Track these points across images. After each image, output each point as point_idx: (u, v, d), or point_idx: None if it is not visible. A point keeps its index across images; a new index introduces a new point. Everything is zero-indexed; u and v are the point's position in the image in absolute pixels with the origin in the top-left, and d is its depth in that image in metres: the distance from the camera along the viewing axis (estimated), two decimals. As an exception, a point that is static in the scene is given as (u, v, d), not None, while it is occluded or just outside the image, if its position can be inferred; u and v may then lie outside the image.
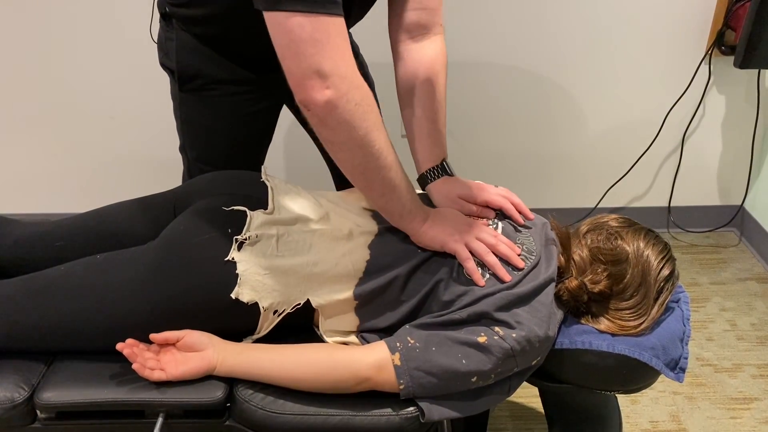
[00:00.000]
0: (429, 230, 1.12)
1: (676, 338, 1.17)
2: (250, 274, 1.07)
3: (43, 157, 2.22)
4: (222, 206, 1.13)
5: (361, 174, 1.03)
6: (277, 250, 1.09)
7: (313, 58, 0.89)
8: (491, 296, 1.06)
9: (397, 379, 1.03)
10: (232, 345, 1.09)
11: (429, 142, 1.24)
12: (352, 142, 0.97)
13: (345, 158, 1.01)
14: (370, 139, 0.98)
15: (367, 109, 0.96)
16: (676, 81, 2.13)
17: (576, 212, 2.32)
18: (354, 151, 0.98)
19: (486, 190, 1.22)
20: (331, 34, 0.90)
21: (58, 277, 1.11)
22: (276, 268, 1.09)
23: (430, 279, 1.11)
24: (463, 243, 1.11)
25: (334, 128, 0.95)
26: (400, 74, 1.26)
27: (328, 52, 0.90)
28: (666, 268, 1.15)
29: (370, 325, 1.14)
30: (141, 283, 1.07)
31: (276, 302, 1.09)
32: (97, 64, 2.06)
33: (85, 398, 1.06)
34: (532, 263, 1.11)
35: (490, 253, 1.10)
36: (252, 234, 1.08)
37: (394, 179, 1.05)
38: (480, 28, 2.05)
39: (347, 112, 0.93)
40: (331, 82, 0.90)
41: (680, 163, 2.29)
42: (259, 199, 1.17)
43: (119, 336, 1.06)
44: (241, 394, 1.07)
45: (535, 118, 2.21)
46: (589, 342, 1.13)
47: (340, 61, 0.91)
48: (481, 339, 1.04)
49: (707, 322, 2.01)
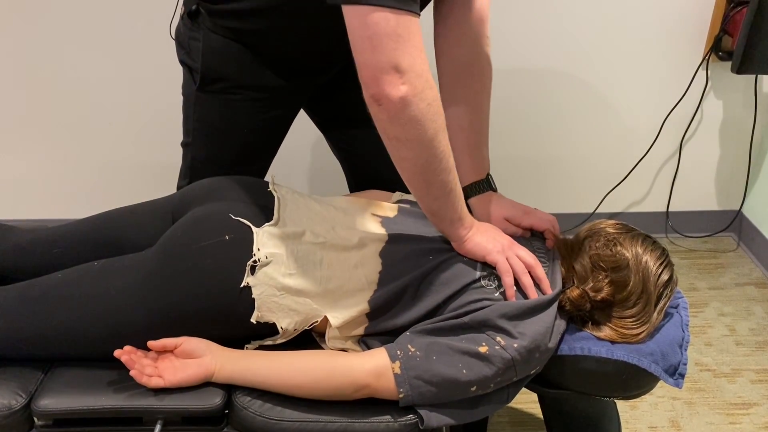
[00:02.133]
0: (473, 238, 1.12)
1: (675, 344, 1.16)
2: (266, 297, 1.08)
3: (41, 162, 2.21)
4: (221, 213, 1.13)
5: (421, 174, 1.02)
6: (289, 268, 1.09)
7: (393, 52, 0.90)
8: (499, 304, 1.06)
9: (396, 388, 1.03)
10: (230, 352, 1.08)
11: (476, 152, 1.22)
12: (420, 140, 0.97)
13: (409, 157, 1.00)
14: (437, 141, 0.98)
15: (437, 110, 0.97)
16: (673, 86, 2.14)
17: (574, 217, 2.32)
18: (420, 151, 0.98)
19: (533, 214, 1.23)
20: (412, 32, 0.91)
21: (54, 284, 1.11)
22: (290, 289, 1.09)
23: (442, 285, 1.10)
24: (504, 256, 1.11)
25: (404, 125, 0.95)
26: (442, 67, 1.24)
27: (409, 48, 0.91)
28: (665, 273, 1.15)
29: (379, 328, 1.13)
30: (138, 290, 1.07)
31: (294, 321, 1.10)
32: (96, 70, 2.06)
33: (82, 405, 1.06)
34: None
35: (526, 273, 1.10)
36: (262, 256, 1.08)
37: (451, 183, 1.05)
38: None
39: (420, 110, 0.94)
40: (407, 78, 0.91)
41: (678, 168, 2.29)
42: (262, 206, 1.16)
43: (117, 343, 1.06)
44: (239, 401, 1.07)
45: (532, 123, 2.21)
46: (588, 348, 1.13)
47: (417, 58, 0.92)
48: (482, 349, 1.03)
49: (706, 327, 2.01)
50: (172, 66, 1.57)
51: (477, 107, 1.22)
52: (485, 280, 1.10)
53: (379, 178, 1.46)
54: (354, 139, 1.50)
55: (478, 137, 1.24)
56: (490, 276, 1.10)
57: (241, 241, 1.09)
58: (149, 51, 2.01)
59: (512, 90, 2.14)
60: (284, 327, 1.10)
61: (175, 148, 1.55)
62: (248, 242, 1.09)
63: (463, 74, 1.22)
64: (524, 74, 2.12)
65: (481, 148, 1.24)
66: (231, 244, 1.08)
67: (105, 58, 2.04)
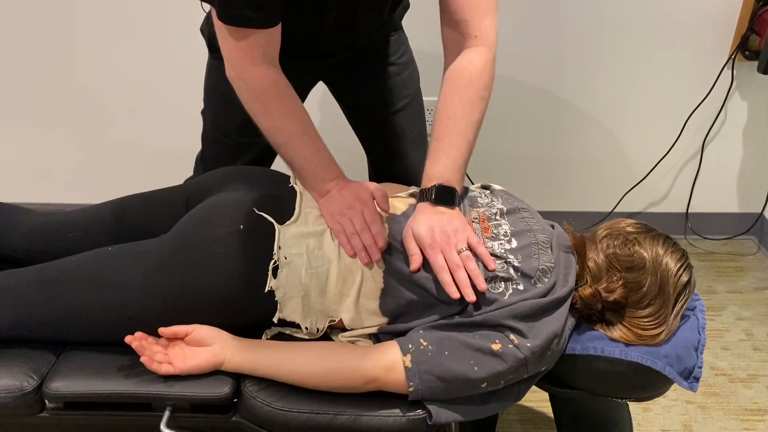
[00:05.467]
0: (323, 205, 1.16)
1: (691, 347, 1.14)
2: (288, 299, 1.08)
3: (63, 147, 2.22)
4: (236, 202, 1.12)
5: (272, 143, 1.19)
6: (310, 268, 1.09)
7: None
8: (514, 305, 1.04)
9: (407, 381, 1.02)
10: (240, 341, 1.08)
11: (431, 159, 1.16)
12: (254, 115, 1.18)
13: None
14: (266, 118, 1.17)
15: (256, 96, 1.16)
16: (697, 85, 2.10)
17: (591, 216, 2.30)
18: (260, 124, 1.18)
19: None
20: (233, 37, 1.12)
21: (69, 268, 1.11)
22: (312, 288, 1.09)
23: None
24: (336, 220, 1.13)
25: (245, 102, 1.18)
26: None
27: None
28: (684, 275, 1.13)
29: (392, 329, 1.11)
30: (150, 277, 1.07)
31: (316, 320, 1.11)
32: (118, 57, 2.06)
33: (93, 389, 1.06)
34: (554, 276, 1.09)
35: (355, 235, 1.10)
36: (282, 257, 1.08)
37: (292, 156, 1.18)
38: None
39: (240, 91, 1.18)
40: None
41: (699, 169, 2.25)
42: (280, 199, 1.16)
43: (128, 328, 1.06)
44: (248, 390, 1.07)
45: (552, 119, 2.18)
46: (601, 348, 1.11)
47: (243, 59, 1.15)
48: (495, 346, 1.02)
49: (723, 331, 1.98)
50: (193, 53, 1.58)
51: (440, 113, 1.16)
52: (490, 284, 1.06)
53: (397, 166, 1.48)
54: (374, 125, 1.52)
55: (438, 143, 1.15)
56: (495, 279, 1.07)
57: (256, 234, 1.09)
58: (172, 41, 2.02)
59: (531, 86, 2.11)
60: (308, 327, 1.11)
61: (195, 135, 1.56)
62: (264, 235, 1.09)
63: (447, 79, 1.19)
64: (544, 70, 2.09)
65: (437, 155, 1.14)
66: (246, 235, 1.08)
67: (129, 46, 2.04)
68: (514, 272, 1.07)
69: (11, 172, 2.28)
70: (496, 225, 1.15)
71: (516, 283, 1.06)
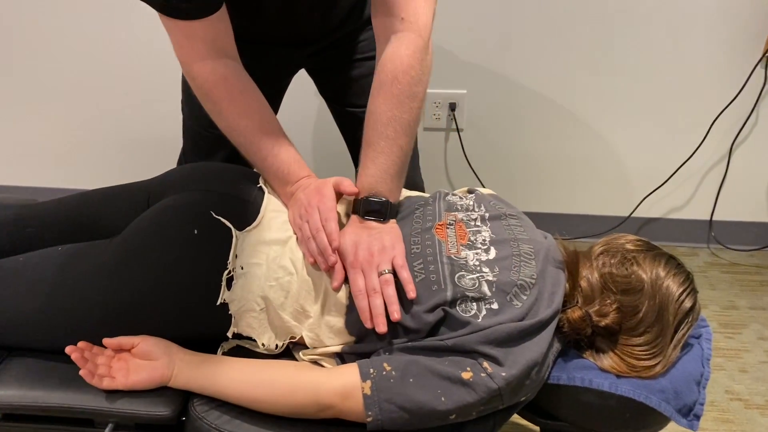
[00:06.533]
0: (290, 209, 1.08)
1: (692, 381, 1.03)
2: (244, 312, 1.01)
3: (58, 131, 2.18)
4: (193, 204, 1.04)
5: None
6: (269, 280, 1.00)
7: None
8: (488, 329, 0.93)
9: (365, 410, 0.92)
10: (191, 356, 1.00)
11: (362, 166, 1.06)
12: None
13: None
14: (214, 112, 1.10)
15: (201, 93, 1.08)
16: (727, 84, 1.96)
17: (607, 221, 2.17)
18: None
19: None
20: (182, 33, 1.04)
21: (14, 268, 1.05)
22: (269, 302, 1.00)
23: (431, 297, 0.97)
24: (297, 224, 1.04)
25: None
26: None
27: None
28: (688, 300, 1.01)
29: (357, 349, 1.01)
30: (96, 282, 1.00)
31: (275, 336, 1.03)
32: (115, 40, 2.00)
33: (33, 401, 1.00)
34: (534, 293, 0.98)
35: (311, 239, 1.00)
36: (238, 266, 0.99)
37: (248, 150, 1.09)
38: (524, 22, 1.91)
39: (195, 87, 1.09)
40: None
41: (726, 174, 2.11)
42: (246, 202, 1.07)
43: (73, 336, 1.00)
44: (196, 409, 0.98)
45: (569, 118, 2.06)
46: (589, 380, 1.00)
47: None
48: (465, 375, 0.92)
49: (742, 351, 1.84)
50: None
51: (369, 114, 1.05)
52: (461, 305, 0.96)
53: None
54: (357, 122, 1.42)
55: (367, 149, 1.05)
56: (465, 300, 0.97)
57: (212, 239, 1.00)
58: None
59: (548, 84, 2.00)
60: (265, 343, 1.03)
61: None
62: (221, 241, 1.00)
63: (375, 74, 1.07)
64: (564, 67, 1.98)
65: (366, 163, 1.04)
66: (200, 241, 0.99)
67: (122, 26, 1.98)
68: (488, 289, 0.96)
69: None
70: (475, 232, 1.05)
71: (489, 302, 0.96)
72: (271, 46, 1.27)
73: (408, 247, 1.02)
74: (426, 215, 1.08)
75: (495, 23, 1.93)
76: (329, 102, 1.47)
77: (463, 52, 1.97)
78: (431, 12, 1.05)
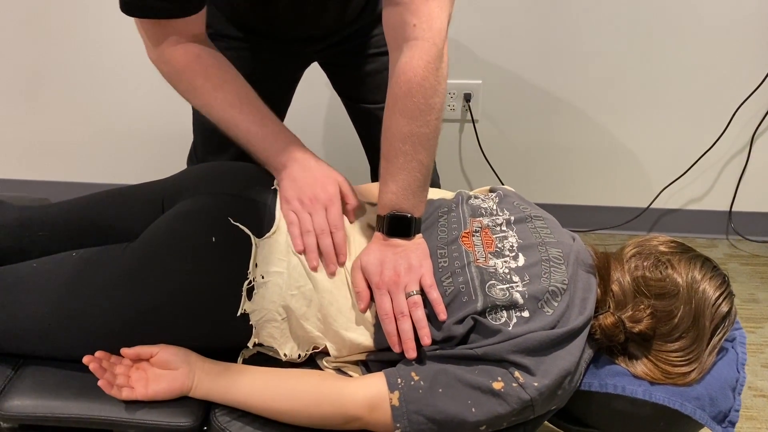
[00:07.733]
0: (283, 186, 1.04)
1: (727, 387, 1.00)
2: (265, 322, 0.97)
3: (69, 124, 2.14)
4: (209, 209, 1.01)
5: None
6: (290, 288, 0.97)
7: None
8: (519, 337, 0.90)
9: (393, 422, 0.90)
10: (210, 365, 0.97)
11: (381, 180, 1.02)
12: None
13: None
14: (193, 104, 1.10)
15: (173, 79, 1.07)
16: (749, 73, 1.92)
17: (625, 212, 2.14)
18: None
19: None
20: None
21: (28, 273, 1.02)
22: (291, 312, 0.98)
23: (461, 309, 0.94)
24: (294, 211, 1.01)
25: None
26: None
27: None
28: (725, 305, 0.98)
29: (382, 357, 0.99)
30: (113, 290, 0.97)
31: (297, 346, 1.00)
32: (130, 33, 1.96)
33: (51, 412, 0.97)
34: (566, 299, 0.95)
35: (312, 234, 0.98)
36: (258, 275, 0.96)
37: (233, 132, 1.06)
38: (541, 11, 1.86)
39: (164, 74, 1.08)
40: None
41: (747, 165, 2.07)
42: (261, 205, 1.03)
43: (90, 344, 0.97)
44: (218, 420, 0.96)
45: (587, 108, 2.02)
46: (622, 386, 0.97)
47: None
48: (496, 385, 0.89)
49: (764, 346, 1.81)
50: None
51: (385, 129, 1.00)
52: (491, 314, 0.93)
53: None
54: (373, 119, 1.39)
55: (386, 164, 1.00)
56: (495, 308, 0.93)
57: (230, 246, 0.97)
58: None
59: (567, 72, 1.96)
60: (287, 354, 1.00)
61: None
62: (240, 248, 0.97)
63: (389, 86, 1.00)
64: (580, 57, 1.93)
65: (386, 179, 0.99)
66: (218, 249, 0.96)
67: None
68: (520, 297, 0.93)
69: (15, 148, 2.21)
70: (502, 237, 1.01)
71: (520, 309, 0.92)
72: (284, 40, 1.24)
73: (435, 262, 0.99)
74: (451, 223, 1.05)
75: (511, 13, 1.88)
76: (342, 97, 1.43)
77: (479, 42, 1.92)
78: (446, 16, 0.98)
